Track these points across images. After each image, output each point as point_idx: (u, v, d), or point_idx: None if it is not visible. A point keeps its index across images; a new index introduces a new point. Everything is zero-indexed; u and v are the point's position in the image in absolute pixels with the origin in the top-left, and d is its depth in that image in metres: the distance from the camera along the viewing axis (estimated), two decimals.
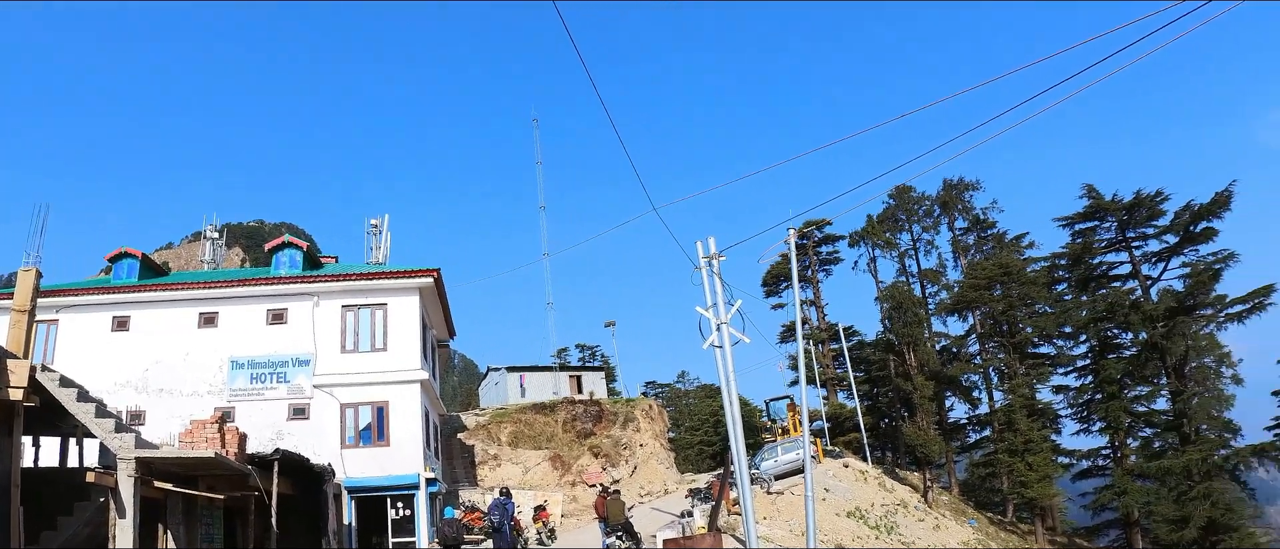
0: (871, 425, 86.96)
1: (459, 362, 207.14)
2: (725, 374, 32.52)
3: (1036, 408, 75.88)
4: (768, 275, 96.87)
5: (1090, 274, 76.86)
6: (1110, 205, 73.46)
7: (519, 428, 68.39)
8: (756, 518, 45.50)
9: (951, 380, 79.74)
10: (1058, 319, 76.85)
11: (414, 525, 42.08)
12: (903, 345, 74.49)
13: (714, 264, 32.61)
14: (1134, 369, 72.82)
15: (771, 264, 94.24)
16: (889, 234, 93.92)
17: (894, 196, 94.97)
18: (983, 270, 79.28)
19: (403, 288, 46.54)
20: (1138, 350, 72.25)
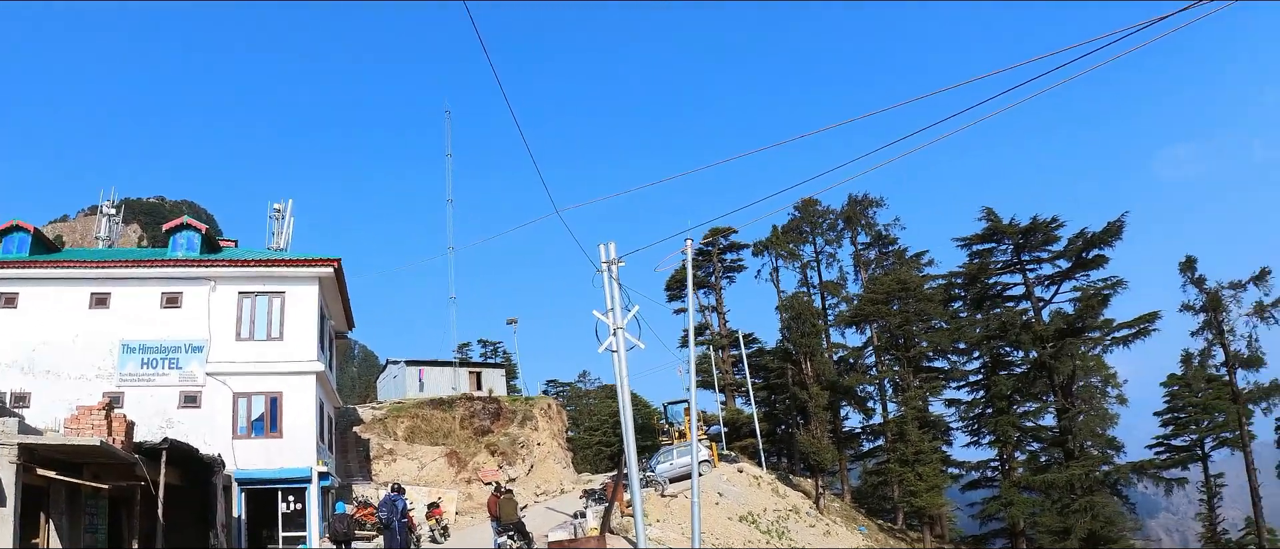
0: (768, 432, 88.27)
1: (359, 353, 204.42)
2: (621, 378, 32.72)
3: (928, 420, 77.69)
4: (671, 280, 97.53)
5: (986, 293, 79.00)
6: (1007, 229, 75.61)
7: (416, 423, 67.90)
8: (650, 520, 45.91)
9: (847, 391, 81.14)
10: (953, 335, 78.84)
11: (305, 520, 41.57)
12: (800, 355, 75.64)
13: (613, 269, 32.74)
14: (1023, 386, 75.20)
15: (676, 269, 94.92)
16: (793, 245, 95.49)
17: (800, 209, 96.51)
18: (881, 285, 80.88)
19: (302, 276, 45.82)
20: (1027, 369, 74.66)
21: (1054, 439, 74.25)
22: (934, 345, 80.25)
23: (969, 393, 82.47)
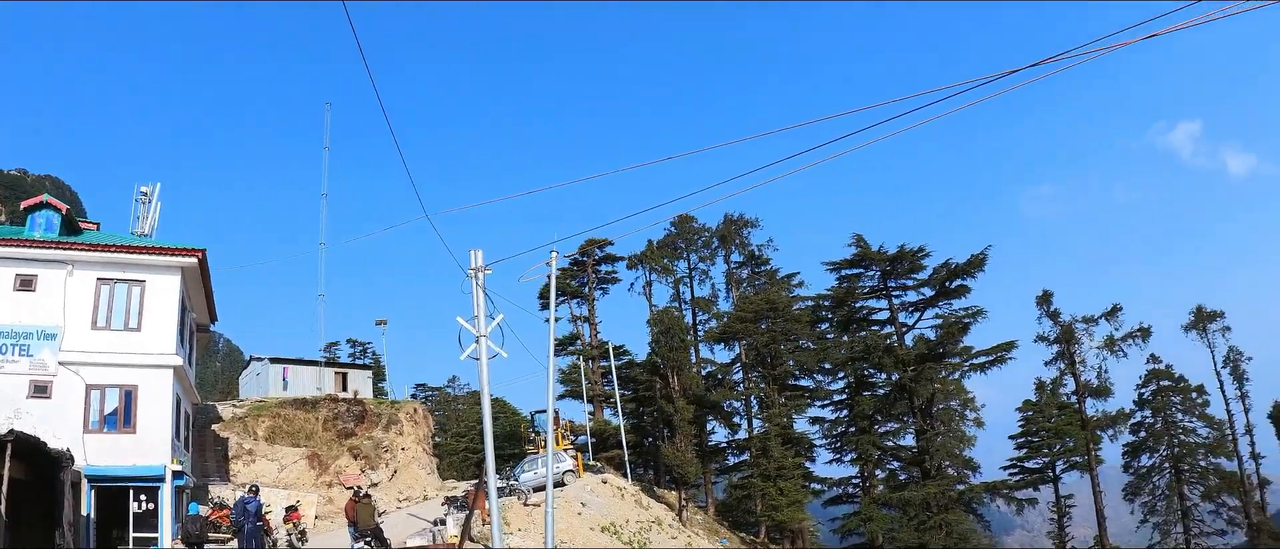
0: (635, 443, 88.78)
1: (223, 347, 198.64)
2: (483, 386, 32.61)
3: (792, 437, 79.32)
4: (545, 289, 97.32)
5: (852, 316, 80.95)
6: (876, 256, 77.68)
7: (278, 423, 66.45)
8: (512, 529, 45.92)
9: (713, 405, 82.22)
10: (819, 356, 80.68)
11: (158, 521, 40.37)
12: (668, 369, 76.34)
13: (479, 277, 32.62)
14: (885, 407, 77.41)
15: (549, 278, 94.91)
16: (667, 261, 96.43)
17: (676, 225, 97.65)
18: (751, 304, 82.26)
19: (165, 265, 44.42)
20: (889, 391, 76.83)
21: (912, 458, 76.64)
22: (800, 364, 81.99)
23: (833, 412, 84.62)
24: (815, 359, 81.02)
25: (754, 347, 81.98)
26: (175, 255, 44.76)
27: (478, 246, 32.52)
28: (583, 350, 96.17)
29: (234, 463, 60.84)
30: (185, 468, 45.55)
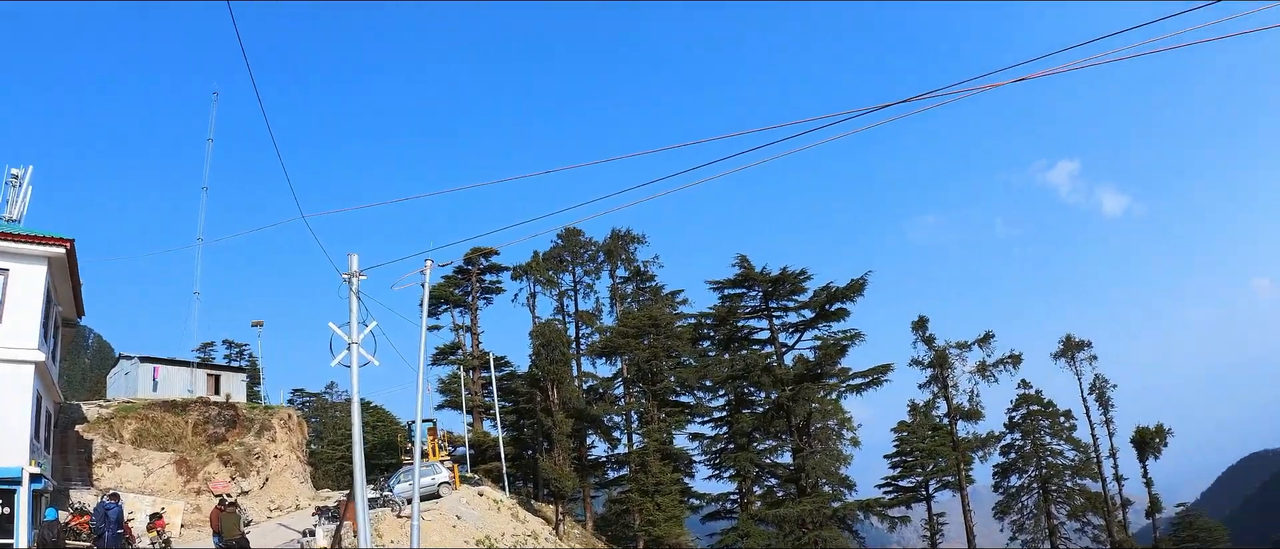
0: (514, 456, 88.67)
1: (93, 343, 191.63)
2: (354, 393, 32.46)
3: (671, 452, 79.97)
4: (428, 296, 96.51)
5: (733, 335, 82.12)
6: (759, 276, 78.92)
7: (145, 425, 64.67)
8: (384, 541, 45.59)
9: (594, 420, 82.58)
10: (700, 373, 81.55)
11: (13, 526, 39.01)
12: (548, 381, 76.35)
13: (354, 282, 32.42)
14: (763, 425, 78.72)
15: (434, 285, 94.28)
16: (552, 273, 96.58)
17: (563, 238, 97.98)
18: (633, 320, 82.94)
19: (31, 254, 42.36)
20: (768, 409, 78.08)
21: (789, 476, 78.02)
22: (681, 381, 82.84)
23: (713, 428, 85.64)
24: (696, 376, 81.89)
25: (636, 362, 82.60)
26: (42, 244, 42.89)
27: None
28: (464, 360, 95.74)
29: (98, 466, 59.12)
30: (44, 471, 44.10)
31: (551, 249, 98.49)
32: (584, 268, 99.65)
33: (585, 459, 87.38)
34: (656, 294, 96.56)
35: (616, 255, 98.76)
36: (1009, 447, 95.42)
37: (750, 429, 79.25)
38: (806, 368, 75.49)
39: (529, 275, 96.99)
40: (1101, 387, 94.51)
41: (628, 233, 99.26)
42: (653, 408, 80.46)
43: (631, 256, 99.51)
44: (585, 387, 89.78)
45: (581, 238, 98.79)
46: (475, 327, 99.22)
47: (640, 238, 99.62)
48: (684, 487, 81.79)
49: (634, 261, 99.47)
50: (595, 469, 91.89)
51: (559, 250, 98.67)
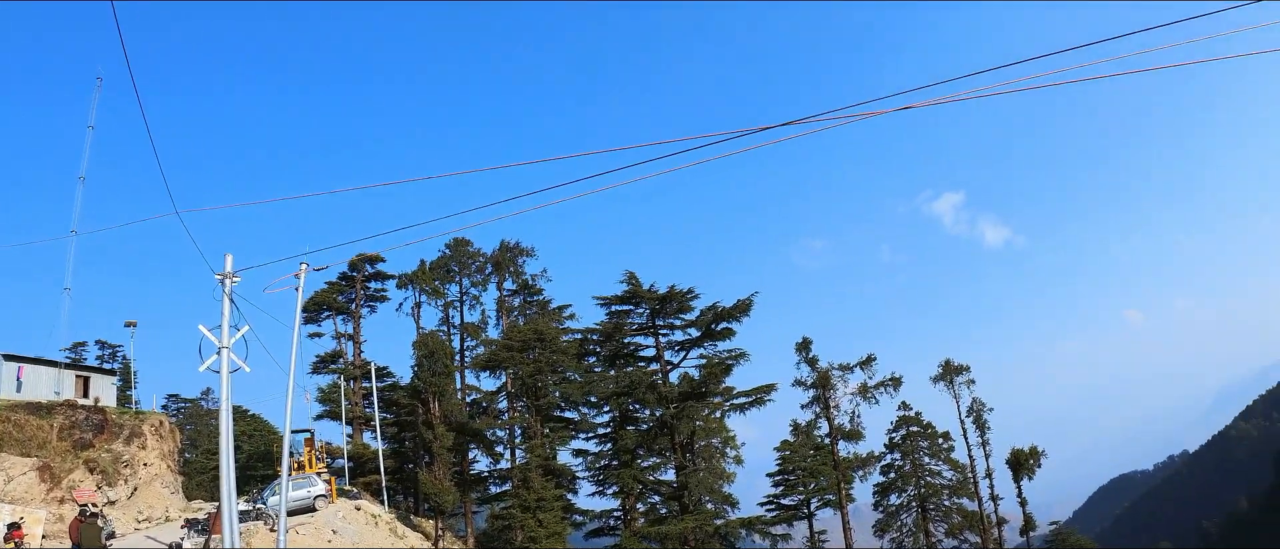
0: (395, 469, 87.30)
1: None
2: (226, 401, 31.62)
3: (554, 468, 79.85)
4: (310, 302, 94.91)
5: (620, 352, 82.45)
6: (646, 294, 79.33)
7: (7, 428, 62.13)
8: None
9: (476, 434, 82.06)
10: (585, 388, 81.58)
11: None
12: (430, 394, 75.63)
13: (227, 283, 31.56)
14: (647, 442, 78.98)
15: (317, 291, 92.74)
16: (439, 283, 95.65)
17: (451, 248, 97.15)
18: (519, 333, 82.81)
19: None
20: (651, 426, 78.29)
21: (672, 493, 78.46)
22: (566, 396, 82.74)
23: (597, 445, 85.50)
24: (581, 392, 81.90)
25: (520, 376, 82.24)
26: None
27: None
28: (345, 370, 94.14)
29: None
30: None
31: (439, 259, 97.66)
32: (471, 279, 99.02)
33: (467, 474, 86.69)
34: (544, 308, 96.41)
35: (505, 267, 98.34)
36: (889, 466, 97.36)
37: (634, 446, 79.55)
38: (691, 386, 76.25)
39: (414, 284, 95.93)
40: (979, 409, 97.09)
41: (516, 245, 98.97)
42: (536, 423, 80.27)
43: (520, 269, 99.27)
44: (469, 400, 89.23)
45: (469, 248, 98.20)
46: (358, 335, 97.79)
47: (529, 251, 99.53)
48: (567, 503, 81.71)
49: (522, 274, 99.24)
50: (477, 484, 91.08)
51: (446, 260, 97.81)
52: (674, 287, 79.02)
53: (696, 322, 79.02)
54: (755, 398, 78.38)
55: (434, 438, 73.50)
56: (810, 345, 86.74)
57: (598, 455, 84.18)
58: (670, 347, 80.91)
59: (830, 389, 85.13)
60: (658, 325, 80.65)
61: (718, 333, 77.66)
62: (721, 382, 77.00)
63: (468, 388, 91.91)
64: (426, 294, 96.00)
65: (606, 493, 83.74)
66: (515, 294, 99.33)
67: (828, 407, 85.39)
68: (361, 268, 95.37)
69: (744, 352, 77.04)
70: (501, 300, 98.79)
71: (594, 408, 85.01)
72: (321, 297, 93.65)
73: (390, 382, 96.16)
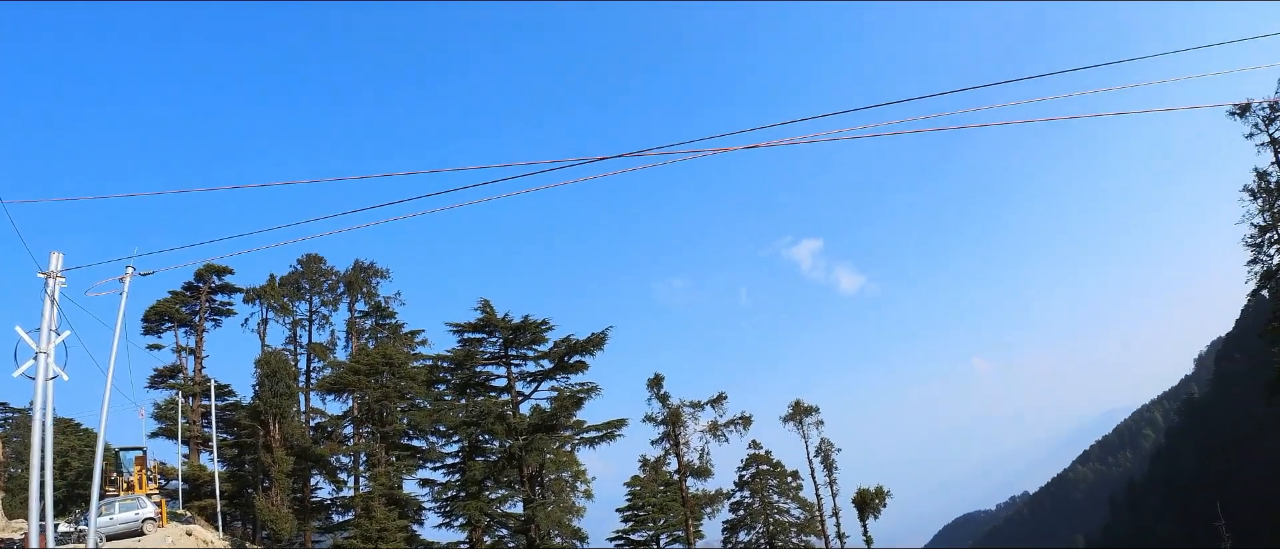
0: (233, 493, 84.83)
1: None
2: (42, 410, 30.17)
3: (399, 498, 78.66)
4: (151, 311, 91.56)
5: (471, 380, 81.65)
6: (500, 323, 78.82)
7: None
8: None
9: (319, 459, 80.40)
10: (433, 416, 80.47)
11: None
12: (270, 415, 73.84)
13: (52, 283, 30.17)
14: (495, 473, 78.37)
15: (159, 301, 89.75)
16: (288, 299, 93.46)
17: (303, 263, 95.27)
18: (367, 357, 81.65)
19: None
20: (499, 458, 77.82)
21: (519, 527, 77.90)
22: (414, 424, 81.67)
23: (445, 475, 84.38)
24: (430, 420, 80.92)
25: (366, 401, 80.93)
26: None
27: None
28: (184, 386, 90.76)
29: None
30: None
31: (289, 274, 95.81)
32: (322, 297, 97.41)
33: (308, 501, 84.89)
34: (396, 332, 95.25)
35: (357, 288, 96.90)
36: (738, 504, 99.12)
37: (482, 477, 78.82)
38: (542, 418, 76.24)
39: (262, 300, 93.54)
40: (826, 449, 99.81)
41: (371, 266, 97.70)
42: (381, 450, 79.12)
43: (373, 290, 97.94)
44: (313, 424, 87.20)
45: (323, 266, 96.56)
46: (200, 350, 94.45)
47: (384, 272, 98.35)
48: (411, 534, 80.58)
49: (376, 296, 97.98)
50: (319, 512, 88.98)
51: (297, 276, 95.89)
52: (528, 317, 78.76)
53: (550, 353, 78.92)
54: (606, 432, 78.66)
55: (272, 462, 71.78)
56: (662, 382, 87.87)
57: (445, 486, 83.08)
58: (522, 377, 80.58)
59: (681, 426, 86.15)
60: (510, 355, 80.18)
61: (571, 366, 77.70)
62: (572, 415, 77.08)
63: (313, 411, 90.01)
64: (274, 310, 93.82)
65: (453, 525, 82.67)
66: (367, 316, 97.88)
67: (677, 443, 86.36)
68: (208, 279, 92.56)
69: (596, 385, 77.46)
70: (352, 322, 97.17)
71: (443, 437, 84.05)
72: (164, 307, 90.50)
73: (232, 401, 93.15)
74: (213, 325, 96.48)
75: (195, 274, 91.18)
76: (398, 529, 74.06)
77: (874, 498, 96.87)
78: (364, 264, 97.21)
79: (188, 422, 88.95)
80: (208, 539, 67.91)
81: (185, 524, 69.72)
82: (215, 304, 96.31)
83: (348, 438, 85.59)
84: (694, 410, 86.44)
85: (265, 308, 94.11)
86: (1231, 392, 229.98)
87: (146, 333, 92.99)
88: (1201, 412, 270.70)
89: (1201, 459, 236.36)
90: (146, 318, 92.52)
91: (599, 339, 76.80)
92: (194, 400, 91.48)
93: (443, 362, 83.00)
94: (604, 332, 77.03)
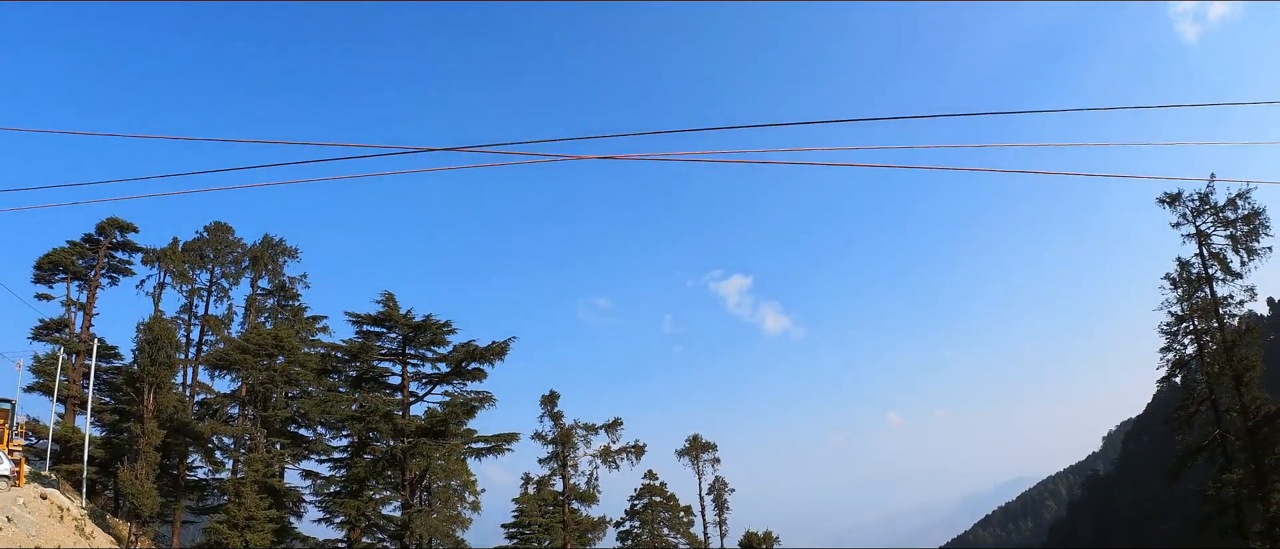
0: (107, 460, 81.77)
1: None
2: None
3: (275, 487, 76.55)
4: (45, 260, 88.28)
5: (366, 374, 79.85)
6: (401, 318, 77.48)
7: None
8: None
9: (196, 436, 78.04)
10: (321, 407, 78.34)
11: None
12: (145, 384, 71.23)
13: None
14: (376, 473, 76.61)
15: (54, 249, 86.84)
16: (189, 266, 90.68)
17: (210, 231, 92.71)
18: (256, 336, 79.25)
19: None
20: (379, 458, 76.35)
21: (395, 532, 76.23)
22: (301, 413, 79.62)
23: (332, 469, 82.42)
24: (318, 410, 78.66)
25: (255, 383, 78.68)
26: None
27: None
28: (68, 342, 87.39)
29: None
30: None
31: (195, 241, 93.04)
32: (225, 269, 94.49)
33: (184, 478, 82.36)
34: (297, 315, 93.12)
35: (263, 263, 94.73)
36: (627, 533, 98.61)
37: (365, 476, 77.01)
38: (431, 422, 74.76)
39: (162, 263, 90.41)
40: (720, 489, 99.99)
41: (281, 242, 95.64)
42: (260, 435, 76.90)
43: (279, 268, 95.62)
44: (198, 399, 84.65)
45: (231, 236, 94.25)
46: (91, 306, 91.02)
47: (293, 251, 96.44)
48: (286, 527, 78.29)
49: (281, 275, 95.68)
50: (195, 491, 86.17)
51: (202, 243, 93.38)
52: (430, 316, 77.41)
53: (448, 357, 77.72)
54: (494, 445, 77.88)
55: (142, 433, 69.29)
56: (556, 400, 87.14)
57: (328, 480, 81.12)
58: (418, 378, 79.21)
59: (571, 448, 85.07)
60: (408, 354, 78.72)
61: (469, 372, 76.57)
62: (463, 423, 75.89)
63: (200, 386, 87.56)
64: (173, 276, 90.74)
65: (333, 522, 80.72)
66: (270, 294, 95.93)
67: (566, 465, 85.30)
68: (110, 233, 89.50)
69: (491, 395, 76.61)
70: (253, 298, 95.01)
71: (332, 430, 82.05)
72: (59, 256, 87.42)
73: (117, 365, 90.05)
74: (109, 283, 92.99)
75: (97, 227, 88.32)
76: (267, 520, 71.83)
77: (762, 542, 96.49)
78: (273, 240, 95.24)
79: (67, 379, 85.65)
80: (64, 506, 65.51)
81: (45, 486, 67.18)
82: (114, 260, 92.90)
83: (233, 418, 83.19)
84: (587, 433, 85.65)
85: (164, 272, 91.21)
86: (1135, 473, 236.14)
87: (37, 281, 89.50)
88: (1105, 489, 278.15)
89: (1100, 535, 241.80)
90: (39, 266, 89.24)
91: (500, 348, 75.74)
92: (77, 358, 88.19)
93: (337, 352, 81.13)
94: (506, 341, 76.13)
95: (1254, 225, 75.63)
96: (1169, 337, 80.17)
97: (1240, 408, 73.93)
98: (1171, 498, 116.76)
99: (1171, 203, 78.29)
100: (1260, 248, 75.59)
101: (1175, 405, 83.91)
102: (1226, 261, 76.67)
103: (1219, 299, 76.80)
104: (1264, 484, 71.59)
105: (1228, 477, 73.00)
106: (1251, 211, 75.63)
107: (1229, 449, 75.50)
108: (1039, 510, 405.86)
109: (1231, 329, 76.07)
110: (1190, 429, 79.58)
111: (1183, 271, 78.47)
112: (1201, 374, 78.66)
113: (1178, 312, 79.16)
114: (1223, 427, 75.95)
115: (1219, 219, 77.04)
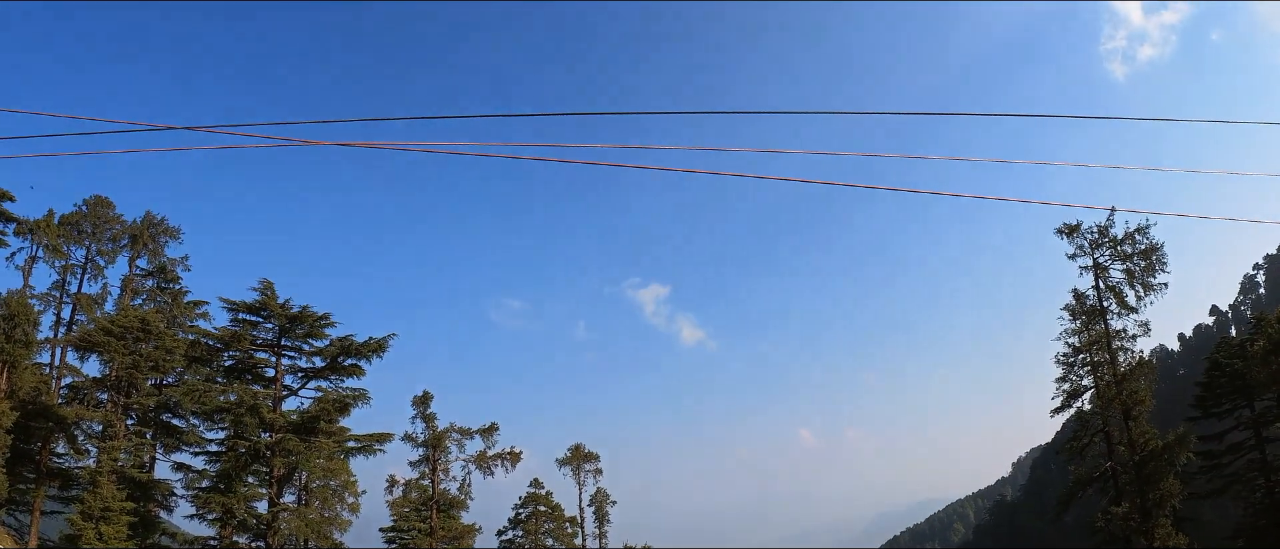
0: None
1: None
2: None
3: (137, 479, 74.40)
4: None
5: (242, 365, 78.01)
6: (277, 308, 75.96)
7: None
8: None
9: (59, 420, 75.67)
10: (190, 396, 76.31)
11: None
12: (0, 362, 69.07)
13: None
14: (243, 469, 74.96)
15: None
16: (63, 242, 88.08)
17: (89, 205, 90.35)
18: (123, 318, 76.91)
19: None
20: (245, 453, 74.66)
21: (258, 531, 74.42)
22: (170, 402, 77.69)
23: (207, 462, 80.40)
24: (187, 399, 76.56)
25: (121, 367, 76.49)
26: None
27: None
28: None
29: None
30: None
31: (72, 214, 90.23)
32: (101, 247, 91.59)
33: (46, 465, 79.68)
34: (176, 299, 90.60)
35: (142, 243, 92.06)
36: (510, 542, 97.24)
37: (235, 471, 75.19)
38: (300, 418, 73.14)
39: (34, 235, 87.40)
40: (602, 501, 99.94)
41: (163, 221, 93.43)
42: (120, 422, 74.73)
43: (160, 248, 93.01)
44: (65, 382, 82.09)
45: (110, 212, 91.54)
46: None
47: (175, 232, 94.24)
48: (153, 520, 76.20)
49: (161, 256, 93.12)
50: (57, 479, 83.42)
51: (80, 218, 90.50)
52: (308, 307, 75.92)
53: (324, 351, 76.26)
54: (366, 445, 76.66)
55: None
56: (430, 400, 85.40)
57: (200, 474, 79.10)
58: (292, 371, 77.66)
59: (443, 451, 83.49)
60: (284, 345, 77.10)
61: (345, 368, 75.35)
62: (336, 420, 74.16)
63: (67, 368, 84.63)
64: (46, 250, 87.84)
65: (205, 519, 78.68)
66: (148, 275, 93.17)
67: (436, 469, 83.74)
68: None
69: (366, 392, 75.59)
70: (130, 279, 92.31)
71: (207, 422, 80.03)
72: None
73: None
74: None
75: None
76: (123, 512, 69.54)
77: None
78: (155, 218, 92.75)
79: None
80: None
81: None
82: None
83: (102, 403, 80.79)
84: (461, 437, 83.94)
85: (35, 245, 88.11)
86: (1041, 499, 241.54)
87: None
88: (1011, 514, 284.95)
89: None
90: None
91: (378, 345, 74.69)
92: None
93: (208, 339, 79.02)
94: (385, 338, 75.17)
95: (1151, 260, 76.84)
96: (1066, 367, 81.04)
97: (1129, 442, 75.03)
98: (1074, 524, 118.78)
99: (1070, 234, 79.18)
100: (1156, 284, 76.91)
101: (1069, 436, 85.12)
102: (1122, 295, 77.75)
103: (1113, 332, 77.78)
104: (1148, 518, 72.66)
105: (1115, 510, 73.98)
106: (1150, 246, 76.86)
107: (1120, 482, 76.51)
108: (946, 532, 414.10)
109: (1123, 364, 76.97)
110: (1083, 460, 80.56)
111: (1079, 303, 79.32)
112: (1094, 406, 79.66)
113: (1075, 343, 79.97)
114: (1114, 459, 76.97)
115: (1117, 253, 78.09)
